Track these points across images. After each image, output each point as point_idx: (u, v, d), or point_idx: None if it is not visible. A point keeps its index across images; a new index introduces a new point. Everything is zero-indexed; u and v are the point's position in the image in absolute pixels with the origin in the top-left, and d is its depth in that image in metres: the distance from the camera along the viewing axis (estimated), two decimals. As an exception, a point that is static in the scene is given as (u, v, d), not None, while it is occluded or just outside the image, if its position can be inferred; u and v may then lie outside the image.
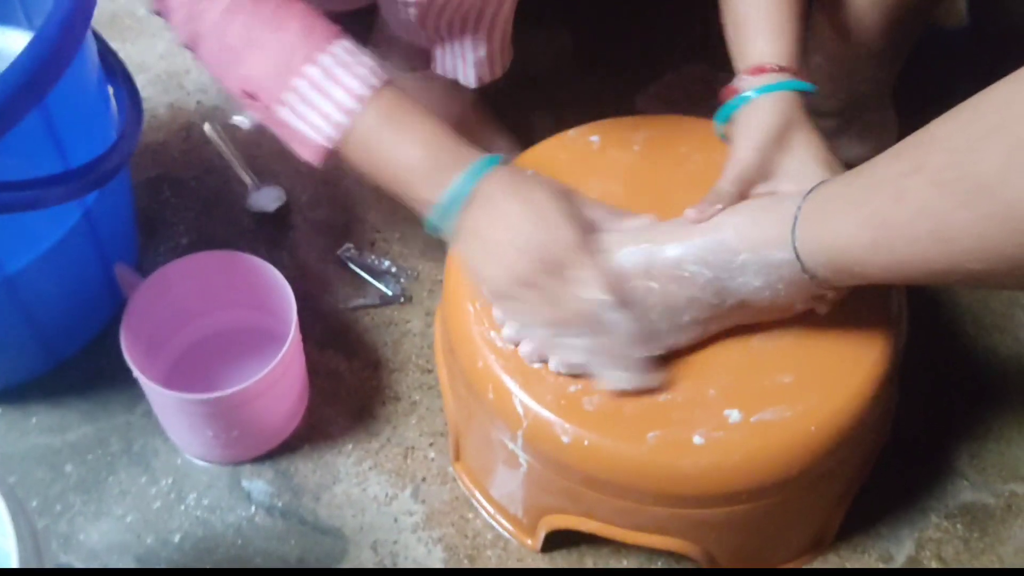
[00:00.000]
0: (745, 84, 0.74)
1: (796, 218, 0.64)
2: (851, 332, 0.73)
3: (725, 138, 0.77)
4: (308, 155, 0.72)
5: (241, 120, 0.78)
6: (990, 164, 0.50)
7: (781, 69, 0.73)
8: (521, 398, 0.71)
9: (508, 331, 0.73)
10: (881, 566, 0.85)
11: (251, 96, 0.71)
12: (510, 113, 1.14)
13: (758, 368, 0.72)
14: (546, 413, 0.71)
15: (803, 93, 0.73)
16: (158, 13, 0.74)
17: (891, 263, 0.58)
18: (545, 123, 1.13)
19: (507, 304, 0.71)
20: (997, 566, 0.86)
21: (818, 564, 0.85)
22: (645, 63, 1.21)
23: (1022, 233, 0.49)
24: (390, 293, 1.01)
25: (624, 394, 0.71)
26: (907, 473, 0.91)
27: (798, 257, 0.64)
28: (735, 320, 0.71)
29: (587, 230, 0.71)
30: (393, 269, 1.03)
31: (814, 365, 0.72)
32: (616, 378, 0.70)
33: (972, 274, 0.54)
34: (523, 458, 0.75)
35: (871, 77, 1.09)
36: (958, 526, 0.88)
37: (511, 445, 0.74)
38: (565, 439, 0.70)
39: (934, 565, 0.86)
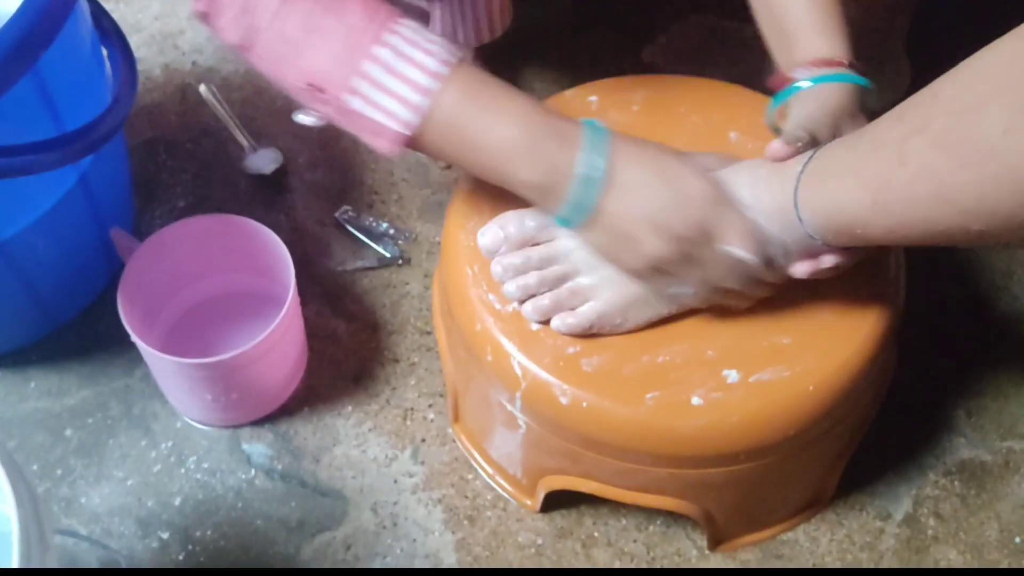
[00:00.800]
0: (802, 74, 0.70)
1: (799, 180, 0.63)
2: (850, 293, 0.73)
3: (774, 128, 0.74)
4: (385, 145, 0.65)
5: (305, 119, 0.70)
6: (992, 125, 0.49)
7: (839, 63, 0.69)
8: (520, 360, 0.71)
9: (509, 288, 0.72)
10: (879, 523, 0.85)
11: (318, 89, 0.64)
12: (509, 73, 1.13)
13: (756, 330, 0.72)
14: (545, 375, 0.70)
15: (859, 88, 0.70)
16: (203, 15, 0.66)
17: (891, 224, 0.57)
18: (547, 82, 1.12)
19: (658, 281, 0.68)
20: (994, 522, 0.86)
21: (815, 522, 0.85)
22: (650, 16, 1.19)
23: (1022, 193, 0.49)
24: (388, 255, 1.00)
25: (623, 354, 0.70)
26: (905, 431, 0.90)
27: (799, 218, 0.63)
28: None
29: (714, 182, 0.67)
30: (391, 231, 1.02)
31: (812, 326, 0.72)
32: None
33: (972, 234, 0.53)
34: (522, 419, 0.74)
35: (882, 28, 1.07)
36: (955, 483, 0.88)
37: (510, 407, 0.74)
38: (564, 400, 0.70)
39: (931, 522, 0.86)
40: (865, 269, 0.72)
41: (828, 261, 0.66)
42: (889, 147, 0.56)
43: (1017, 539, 0.85)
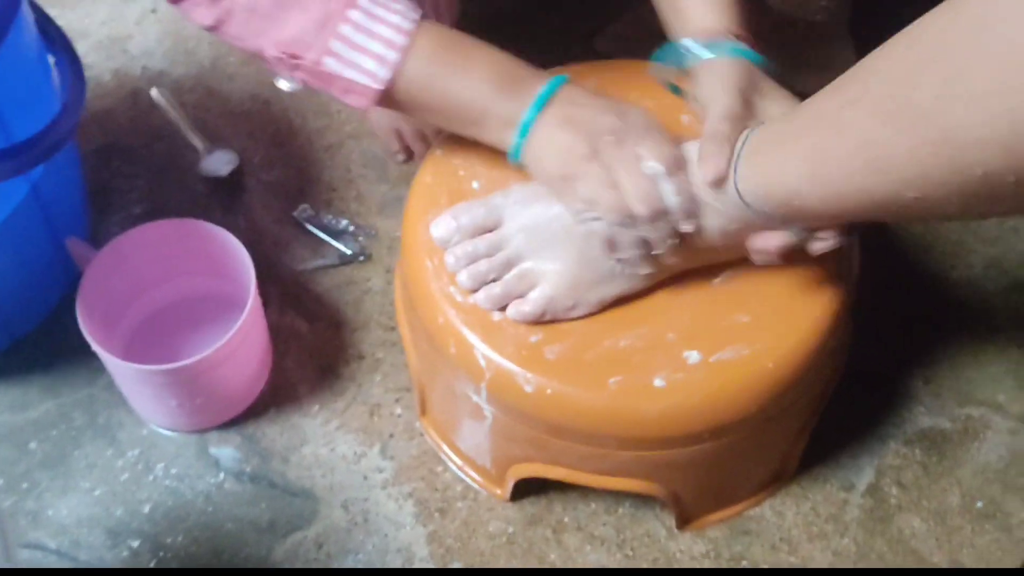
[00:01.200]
0: (699, 44, 0.72)
1: (739, 155, 0.63)
2: (805, 270, 0.73)
3: (666, 84, 0.77)
4: (361, 102, 0.68)
5: (283, 84, 0.74)
6: (927, 93, 0.49)
7: (736, 36, 0.71)
8: (483, 351, 0.71)
9: (462, 278, 0.72)
10: (843, 495, 0.87)
11: (294, 56, 0.68)
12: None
13: (715, 310, 0.72)
14: (508, 364, 0.70)
15: (759, 67, 0.71)
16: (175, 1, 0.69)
17: (828, 195, 0.58)
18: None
19: (565, 188, 0.68)
20: (956, 489, 0.87)
21: (781, 497, 0.86)
22: (602, 4, 1.19)
23: (957, 159, 0.49)
24: (349, 252, 1.00)
25: (584, 340, 0.71)
26: (865, 402, 0.91)
27: (739, 194, 0.63)
28: (689, 259, 0.71)
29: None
30: (351, 228, 1.02)
31: (770, 304, 0.72)
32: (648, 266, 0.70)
33: (909, 203, 0.54)
34: (488, 410, 0.74)
35: (825, 7, 1.08)
36: (916, 451, 0.89)
37: (475, 398, 0.74)
38: (528, 389, 0.70)
39: (895, 491, 0.87)
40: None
41: (776, 239, 0.66)
42: (827, 118, 0.56)
43: (979, 504, 0.86)
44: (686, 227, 0.66)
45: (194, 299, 0.93)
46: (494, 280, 0.72)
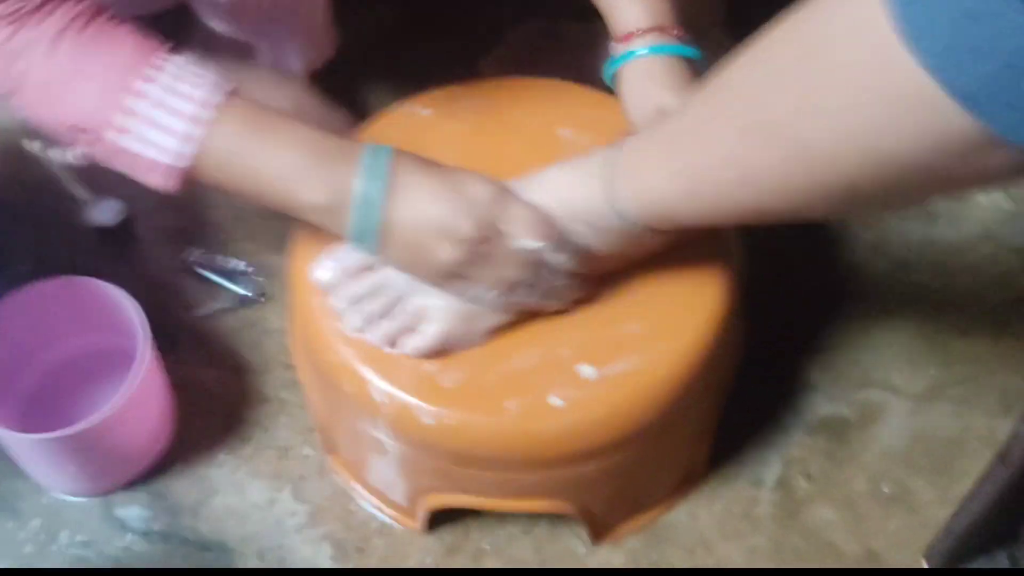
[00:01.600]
0: (635, 43, 0.73)
1: (611, 173, 0.64)
2: (692, 272, 0.74)
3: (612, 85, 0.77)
4: (160, 181, 0.65)
5: (69, 157, 0.69)
6: (781, 109, 0.50)
7: (666, 31, 0.72)
8: (379, 386, 0.70)
9: (353, 319, 0.71)
10: (753, 491, 0.88)
11: (84, 131, 0.64)
12: (348, 92, 1.11)
13: (605, 322, 0.72)
14: (405, 397, 0.70)
15: (686, 58, 0.73)
16: None
17: (703, 209, 0.59)
18: (385, 99, 1.10)
19: (456, 287, 0.68)
20: (861, 475, 0.89)
21: (694, 499, 0.87)
22: (483, 25, 1.18)
23: (818, 170, 0.50)
24: (246, 294, 0.98)
25: (479, 365, 0.70)
26: (766, 396, 0.93)
27: (616, 209, 0.64)
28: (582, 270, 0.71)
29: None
30: (246, 268, 1.00)
31: (659, 311, 0.73)
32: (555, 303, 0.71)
33: (780, 212, 0.55)
34: (390, 444, 0.74)
35: (705, 9, 1.09)
36: (820, 440, 0.91)
37: (376, 433, 0.73)
38: (427, 420, 0.69)
39: (803, 483, 0.88)
40: (703, 247, 0.74)
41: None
42: (692, 135, 0.57)
43: (885, 488, 0.88)
44: (582, 268, 0.68)
45: (89, 357, 0.91)
46: (383, 318, 0.71)
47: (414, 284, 0.70)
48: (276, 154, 0.65)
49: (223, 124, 0.64)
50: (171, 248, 1.01)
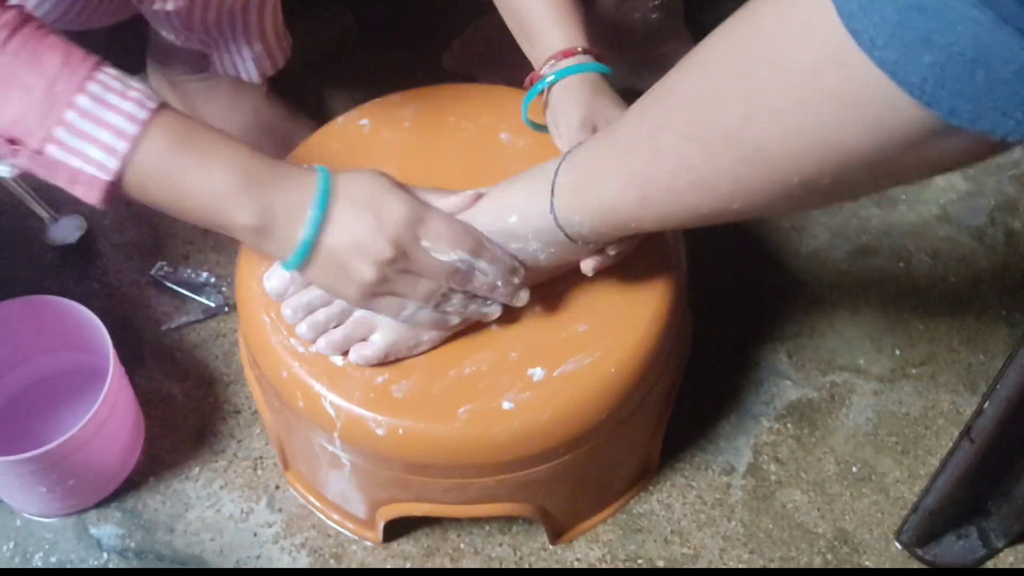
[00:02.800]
0: (547, 69, 0.73)
1: (553, 187, 0.63)
2: (633, 269, 0.74)
3: (532, 123, 0.78)
4: (90, 195, 0.63)
5: (4, 171, 0.67)
6: (731, 114, 0.50)
7: (585, 52, 0.73)
8: (331, 399, 0.69)
9: (301, 329, 0.70)
10: (725, 478, 0.88)
11: (14, 142, 0.62)
12: (309, 98, 1.10)
13: (553, 323, 0.72)
14: (357, 410, 0.69)
15: (601, 74, 0.73)
16: None
17: (661, 215, 0.58)
18: (346, 104, 1.10)
19: (384, 306, 0.67)
20: (830, 457, 0.89)
21: (667, 489, 0.87)
22: (442, 22, 1.17)
23: (773, 172, 0.50)
24: (212, 305, 0.97)
25: (430, 373, 0.70)
26: (734, 384, 0.93)
27: (558, 224, 0.64)
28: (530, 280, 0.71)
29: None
30: (212, 279, 0.99)
31: (605, 309, 0.72)
32: (492, 309, 0.69)
33: (737, 213, 0.55)
34: (345, 458, 0.73)
35: (659, 5, 1.09)
36: (788, 425, 0.91)
37: (331, 447, 0.72)
38: (380, 432, 0.68)
39: (773, 468, 0.89)
40: (645, 244, 0.74)
41: (611, 250, 0.68)
42: (642, 145, 0.57)
43: (854, 468, 0.89)
44: (515, 279, 0.68)
45: (56, 376, 0.89)
46: (334, 327, 0.70)
47: None
48: (207, 171, 0.63)
49: (151, 138, 0.62)
50: (135, 263, 0.99)
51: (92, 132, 0.61)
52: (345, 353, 0.70)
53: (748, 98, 0.49)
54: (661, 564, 0.83)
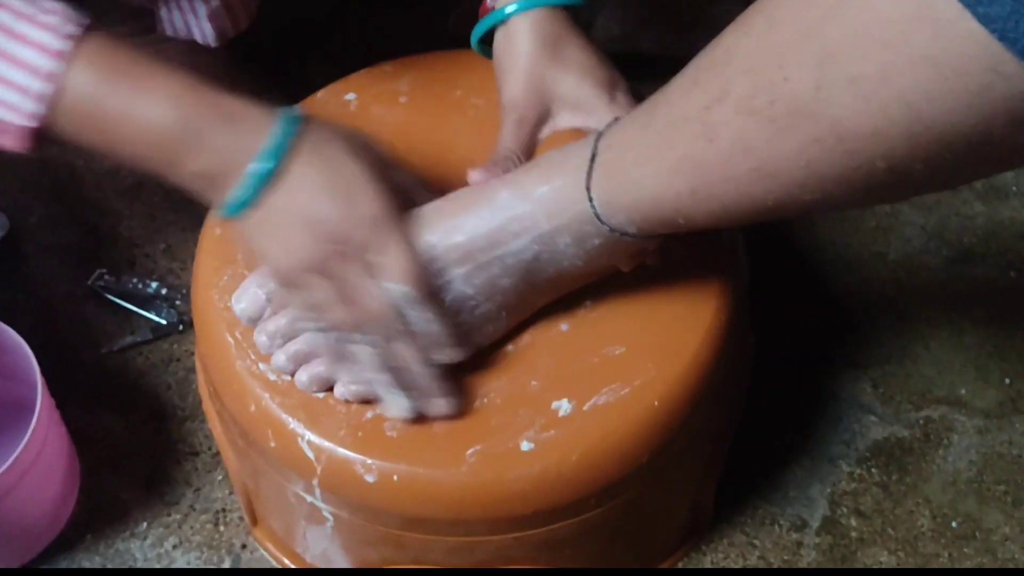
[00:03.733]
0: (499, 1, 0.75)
1: (589, 173, 0.64)
2: (682, 282, 0.74)
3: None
4: (12, 142, 0.65)
5: None
6: (802, 81, 0.50)
7: None
8: (309, 438, 0.69)
9: (279, 360, 0.71)
10: (795, 535, 0.88)
11: None
12: (290, 69, 1.11)
13: (583, 344, 0.72)
14: (342, 451, 0.69)
15: (567, 7, 0.74)
16: None
17: (716, 208, 0.58)
18: (330, 75, 1.10)
19: (293, 296, 0.68)
20: (925, 509, 0.89)
21: (722, 548, 0.87)
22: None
23: (854, 155, 0.50)
24: (164, 322, 0.98)
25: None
26: (806, 421, 0.93)
27: (598, 217, 0.64)
28: (551, 295, 0.71)
29: (402, 206, 0.69)
30: (163, 291, 0.99)
31: (645, 328, 0.72)
32: (400, 404, 0.69)
33: (807, 204, 0.55)
34: (326, 510, 0.73)
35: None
36: (873, 471, 0.91)
37: (309, 497, 0.72)
38: (370, 478, 0.69)
39: (854, 522, 0.89)
40: (697, 251, 0.74)
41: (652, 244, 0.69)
42: (692, 122, 0.57)
43: (953, 524, 0.89)
44: (441, 357, 0.68)
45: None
46: (313, 357, 0.70)
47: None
48: (146, 111, 0.64)
49: (77, 75, 0.63)
50: (69, 270, 1.01)
51: (6, 73, 0.63)
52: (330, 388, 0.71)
53: (821, 62, 0.49)
54: (716, 642, 0.84)
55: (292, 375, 0.71)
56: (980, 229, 1.05)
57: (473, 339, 0.70)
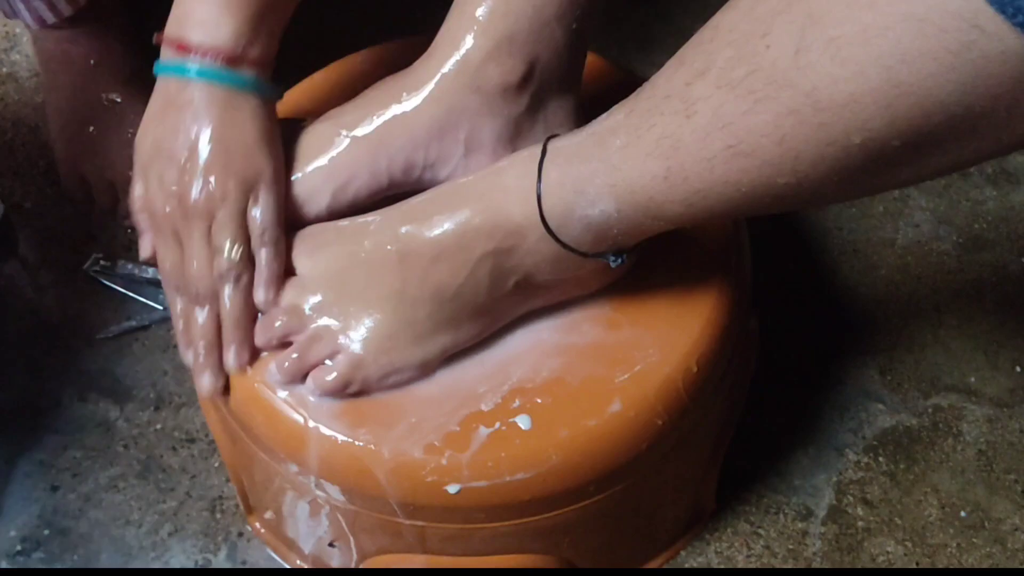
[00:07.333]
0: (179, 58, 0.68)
1: (540, 166, 0.64)
2: (684, 268, 0.74)
3: None
4: None
5: None
6: (783, 47, 0.49)
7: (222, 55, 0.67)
8: (302, 422, 0.69)
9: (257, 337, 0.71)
10: (800, 525, 0.88)
11: None
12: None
13: (584, 329, 0.73)
14: (338, 436, 0.69)
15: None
16: None
17: (689, 195, 0.57)
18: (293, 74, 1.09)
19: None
20: (932, 497, 0.90)
21: (727, 536, 0.88)
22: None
23: (829, 127, 0.49)
24: (160, 307, 0.98)
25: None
26: (812, 408, 0.94)
27: (545, 223, 0.64)
28: (529, 304, 0.71)
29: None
30: (159, 275, 1.00)
31: (648, 313, 0.73)
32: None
33: (782, 191, 0.54)
34: (321, 496, 0.73)
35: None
36: (880, 459, 0.92)
37: (302, 479, 0.73)
38: (365, 464, 0.69)
39: (860, 511, 0.89)
40: (699, 234, 0.74)
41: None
42: (673, 98, 0.56)
43: (962, 513, 0.89)
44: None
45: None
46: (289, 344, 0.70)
47: (328, 300, 0.70)
48: None
49: None
50: (63, 254, 1.01)
51: None
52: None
53: (804, 27, 0.48)
54: (719, 632, 0.84)
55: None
56: (991, 214, 1.05)
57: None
